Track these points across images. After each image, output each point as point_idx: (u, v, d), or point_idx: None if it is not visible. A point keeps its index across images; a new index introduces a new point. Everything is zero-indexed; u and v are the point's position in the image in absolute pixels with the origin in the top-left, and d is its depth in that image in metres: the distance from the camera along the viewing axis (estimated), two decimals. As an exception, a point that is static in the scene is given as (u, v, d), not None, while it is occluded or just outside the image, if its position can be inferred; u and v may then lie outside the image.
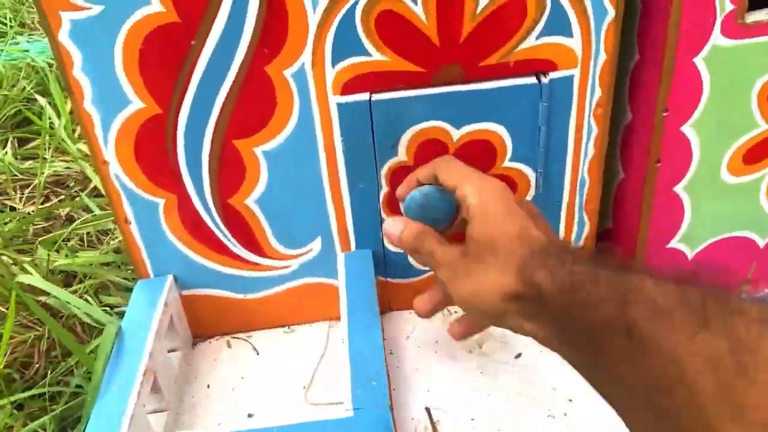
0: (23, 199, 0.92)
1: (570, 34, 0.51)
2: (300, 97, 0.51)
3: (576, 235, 0.62)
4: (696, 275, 0.29)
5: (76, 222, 0.84)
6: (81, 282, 0.74)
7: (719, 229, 0.62)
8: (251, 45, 0.49)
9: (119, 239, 0.81)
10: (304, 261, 0.60)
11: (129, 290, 0.72)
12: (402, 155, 0.55)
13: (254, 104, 0.51)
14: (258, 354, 0.62)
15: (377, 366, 0.49)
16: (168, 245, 0.58)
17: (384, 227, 0.50)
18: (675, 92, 0.53)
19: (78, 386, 0.63)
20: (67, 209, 0.88)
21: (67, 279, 0.76)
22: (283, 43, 0.49)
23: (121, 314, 0.67)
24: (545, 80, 0.52)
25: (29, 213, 0.88)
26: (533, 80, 0.52)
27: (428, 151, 0.54)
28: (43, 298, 0.67)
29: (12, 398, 0.60)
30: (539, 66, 0.52)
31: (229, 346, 0.63)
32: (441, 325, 0.63)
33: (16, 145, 1.04)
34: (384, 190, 0.57)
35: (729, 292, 0.27)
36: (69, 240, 0.82)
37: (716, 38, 0.50)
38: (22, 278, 0.68)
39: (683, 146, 0.56)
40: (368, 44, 0.49)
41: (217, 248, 0.59)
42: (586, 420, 0.54)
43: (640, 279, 0.31)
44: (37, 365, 0.65)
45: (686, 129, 0.55)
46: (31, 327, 0.68)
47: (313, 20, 0.48)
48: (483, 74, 0.52)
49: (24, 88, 1.12)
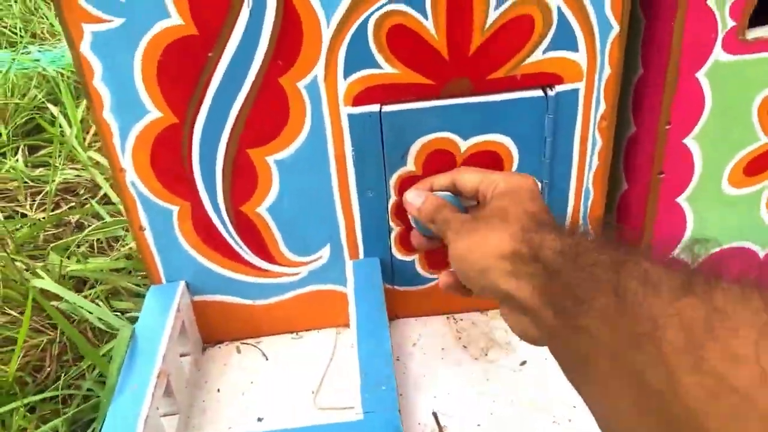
0: (34, 206, 0.93)
1: (576, 49, 0.52)
2: (312, 108, 0.53)
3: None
4: (689, 265, 0.31)
5: (88, 229, 0.85)
6: (92, 288, 0.75)
7: (720, 240, 0.63)
8: (266, 57, 0.50)
9: (130, 246, 0.82)
10: (314, 268, 0.61)
11: (139, 296, 0.73)
12: (411, 165, 0.56)
13: (268, 114, 0.53)
14: (267, 359, 0.63)
15: (386, 370, 0.50)
16: (181, 252, 0.59)
17: (405, 197, 0.51)
18: (678, 106, 0.54)
19: (89, 389, 0.64)
20: (77, 216, 0.90)
21: (78, 285, 0.77)
22: (297, 56, 0.50)
23: (132, 319, 0.69)
24: (551, 93, 0.54)
25: (40, 219, 0.90)
26: (540, 93, 0.54)
27: (436, 162, 0.56)
28: (55, 303, 0.68)
29: (25, 401, 0.61)
30: (546, 79, 0.53)
31: (239, 352, 0.64)
32: (447, 333, 0.64)
33: (27, 153, 1.05)
34: (393, 199, 0.58)
35: (719, 276, 0.28)
36: (80, 246, 0.83)
37: (718, 54, 0.52)
38: (35, 283, 0.69)
39: (686, 158, 0.57)
40: (379, 57, 0.51)
41: (229, 255, 0.60)
42: (590, 426, 0.54)
43: (639, 255, 0.32)
44: (49, 369, 0.66)
45: (689, 141, 0.56)
46: (43, 331, 0.69)
47: (327, 34, 0.49)
48: (491, 87, 0.53)
49: (35, 97, 1.14)
